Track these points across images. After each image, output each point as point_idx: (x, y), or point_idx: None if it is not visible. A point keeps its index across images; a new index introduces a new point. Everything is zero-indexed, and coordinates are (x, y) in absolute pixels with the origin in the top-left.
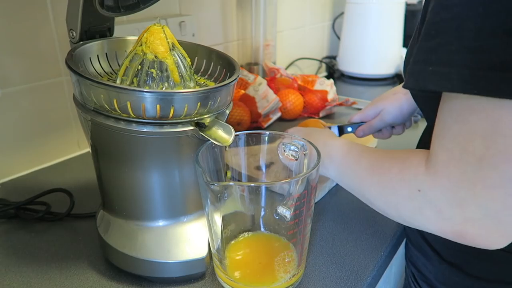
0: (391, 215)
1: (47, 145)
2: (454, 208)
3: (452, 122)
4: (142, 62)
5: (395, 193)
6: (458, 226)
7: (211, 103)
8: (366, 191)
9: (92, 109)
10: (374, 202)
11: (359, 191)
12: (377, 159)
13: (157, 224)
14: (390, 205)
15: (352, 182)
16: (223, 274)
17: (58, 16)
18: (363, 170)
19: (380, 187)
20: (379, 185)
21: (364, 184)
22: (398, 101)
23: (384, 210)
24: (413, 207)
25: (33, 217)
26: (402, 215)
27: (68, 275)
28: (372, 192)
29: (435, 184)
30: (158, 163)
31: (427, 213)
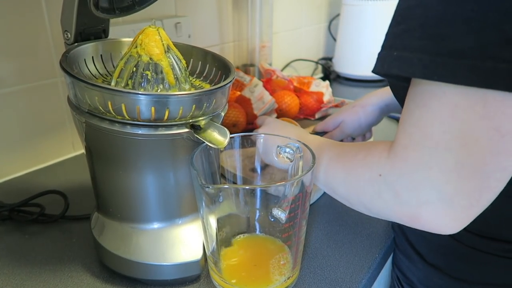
0: (353, 202)
1: (41, 147)
2: (410, 191)
3: (414, 107)
4: (137, 64)
5: (358, 178)
6: (413, 209)
7: (206, 105)
8: (330, 180)
9: (87, 111)
10: (338, 189)
11: (324, 183)
12: (343, 148)
13: (151, 227)
14: (352, 191)
15: (318, 174)
16: (218, 276)
17: (53, 17)
18: (329, 159)
19: (344, 173)
20: (343, 171)
21: (329, 173)
22: (356, 114)
23: (346, 197)
24: (373, 192)
25: (27, 219)
26: (363, 201)
27: (62, 277)
28: (336, 180)
29: (393, 167)
30: (153, 165)
31: (386, 197)
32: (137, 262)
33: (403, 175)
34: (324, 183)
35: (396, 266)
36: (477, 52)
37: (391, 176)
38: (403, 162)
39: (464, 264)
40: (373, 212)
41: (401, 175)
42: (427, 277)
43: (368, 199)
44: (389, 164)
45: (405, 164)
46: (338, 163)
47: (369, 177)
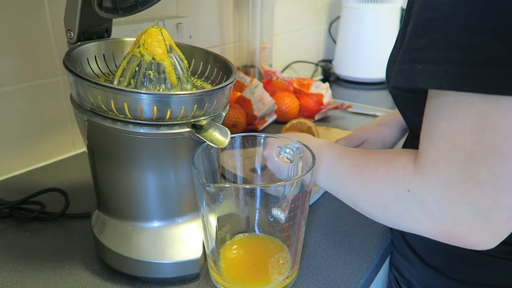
0: (377, 217)
1: (42, 145)
2: (444, 207)
3: (440, 119)
4: (139, 63)
5: (382, 194)
6: (448, 226)
7: (207, 105)
8: (349, 193)
9: (89, 109)
10: (359, 204)
11: (341, 193)
12: (359, 159)
13: (152, 225)
14: (377, 207)
15: (333, 184)
16: (217, 275)
17: (55, 16)
18: (344, 171)
19: (366, 188)
20: (364, 186)
21: (347, 186)
22: (380, 133)
23: (369, 212)
24: (402, 208)
25: (27, 216)
26: (390, 217)
27: (62, 274)
28: (357, 194)
29: (424, 183)
30: (154, 164)
31: (416, 214)
32: (137, 260)
33: (435, 191)
34: (343, 196)
35: (394, 267)
36: (506, 60)
37: (421, 192)
38: (435, 177)
39: (464, 265)
40: (401, 227)
41: (433, 191)
42: (426, 279)
43: (395, 215)
44: (418, 179)
45: (437, 179)
46: (357, 178)
47: (396, 193)
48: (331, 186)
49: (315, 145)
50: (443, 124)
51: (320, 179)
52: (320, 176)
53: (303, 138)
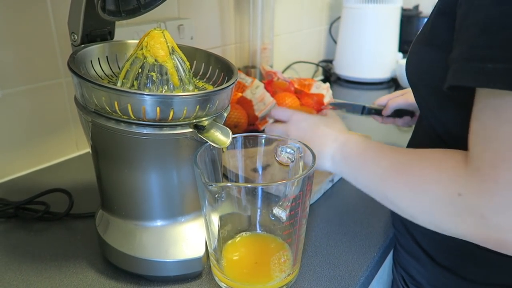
0: (419, 219)
1: (46, 146)
2: (501, 214)
3: (501, 122)
4: (142, 65)
5: (429, 197)
6: (503, 234)
7: (209, 106)
8: (388, 193)
9: (93, 110)
10: (400, 204)
11: (379, 192)
12: (401, 158)
13: (155, 224)
14: (420, 209)
15: (370, 182)
16: (219, 273)
17: (59, 19)
18: (385, 170)
19: (409, 189)
20: (407, 187)
21: (386, 185)
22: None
23: (411, 213)
24: (450, 213)
25: (32, 216)
26: (434, 221)
27: (67, 273)
28: (398, 194)
29: (479, 188)
30: (157, 164)
31: (467, 219)
32: (141, 259)
33: (492, 197)
34: (379, 195)
35: (400, 267)
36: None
37: (475, 198)
38: (493, 183)
39: (479, 266)
40: (445, 231)
41: (489, 197)
42: (437, 279)
43: (441, 219)
44: (472, 184)
45: (496, 185)
46: (399, 178)
47: (444, 196)
48: (363, 182)
49: (344, 132)
50: (504, 127)
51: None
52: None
53: (333, 121)
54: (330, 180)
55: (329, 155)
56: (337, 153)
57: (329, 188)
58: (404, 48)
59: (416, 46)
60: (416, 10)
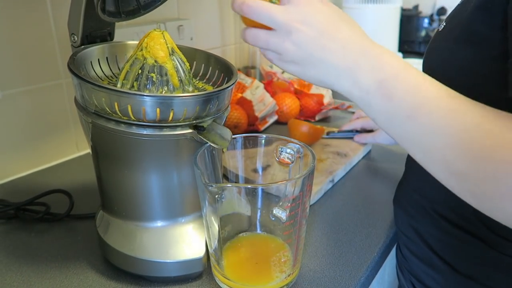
0: (502, 208)
1: (46, 147)
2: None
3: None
4: (142, 66)
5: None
6: None
7: (209, 106)
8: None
9: (93, 111)
10: (479, 184)
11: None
12: (488, 121)
13: (155, 225)
14: (501, 187)
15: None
16: (220, 273)
17: (58, 20)
18: (462, 132)
19: (507, 169)
20: (504, 168)
21: (459, 155)
22: None
23: (490, 199)
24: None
25: (33, 217)
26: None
27: (67, 274)
28: (482, 173)
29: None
30: (157, 165)
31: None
32: (141, 259)
33: None
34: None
35: (410, 274)
36: None
37: None
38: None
39: (503, 273)
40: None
41: None
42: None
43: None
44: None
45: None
46: (496, 152)
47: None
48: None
49: (389, 54)
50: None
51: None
52: (385, 102)
53: (352, 21)
54: (331, 180)
55: (351, 73)
56: (370, 74)
57: (330, 188)
58: (404, 48)
59: (442, 43)
60: (416, 10)
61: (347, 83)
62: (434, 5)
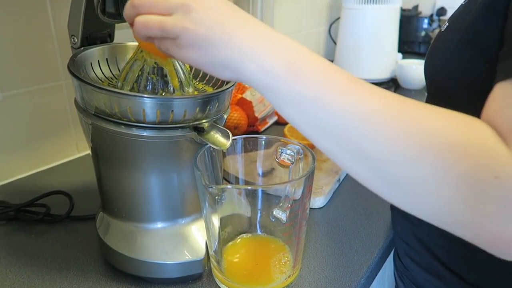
0: (412, 193)
1: (46, 148)
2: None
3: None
4: (142, 68)
5: (450, 167)
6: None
7: (209, 108)
8: (372, 142)
9: (93, 113)
10: (388, 167)
11: (347, 137)
12: (396, 103)
13: (155, 226)
14: (424, 182)
15: (337, 117)
16: (220, 275)
17: (59, 21)
18: (377, 108)
19: (420, 150)
20: (416, 146)
21: (368, 135)
22: None
23: (399, 183)
24: (470, 195)
25: (33, 219)
26: (439, 201)
27: (68, 275)
28: (393, 153)
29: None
30: (157, 166)
31: (490, 209)
32: (141, 261)
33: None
34: (345, 144)
35: (413, 283)
36: None
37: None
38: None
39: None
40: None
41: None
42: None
43: (453, 201)
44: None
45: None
46: (403, 128)
47: (473, 175)
48: (323, 112)
49: (293, 42)
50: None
51: (289, 90)
52: (291, 84)
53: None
54: (338, 180)
55: (256, 56)
56: (277, 56)
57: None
58: (403, 48)
59: (445, 43)
60: (416, 10)
61: (252, 66)
62: (434, 5)
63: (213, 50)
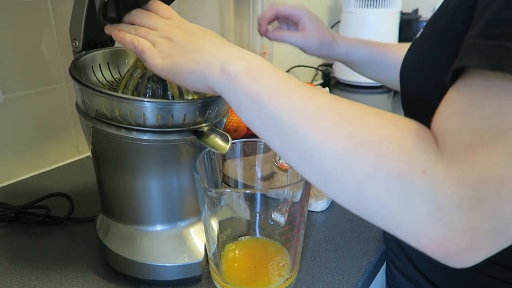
0: (344, 187)
1: (47, 150)
2: (463, 209)
3: (487, 99)
4: (142, 75)
5: (378, 162)
6: (451, 235)
7: (209, 112)
8: (313, 137)
9: (94, 116)
10: (325, 161)
11: (292, 132)
12: (341, 104)
13: (155, 229)
14: (353, 173)
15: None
16: (219, 277)
17: (60, 24)
18: (318, 108)
19: (352, 145)
20: (349, 141)
21: (313, 126)
22: (322, 24)
23: (333, 176)
24: (398, 191)
25: (33, 220)
26: (365, 194)
27: (67, 277)
28: (329, 146)
29: (450, 173)
30: (157, 169)
31: (417, 205)
32: (141, 263)
33: (463, 186)
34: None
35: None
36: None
37: (443, 183)
38: (469, 170)
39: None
40: (372, 213)
41: (459, 186)
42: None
43: (378, 195)
44: (440, 163)
45: (471, 173)
46: (340, 127)
47: (400, 169)
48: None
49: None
50: (492, 104)
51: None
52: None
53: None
54: None
55: (222, 61)
56: (240, 62)
57: None
58: None
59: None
60: (416, 14)
61: (217, 70)
62: (434, 9)
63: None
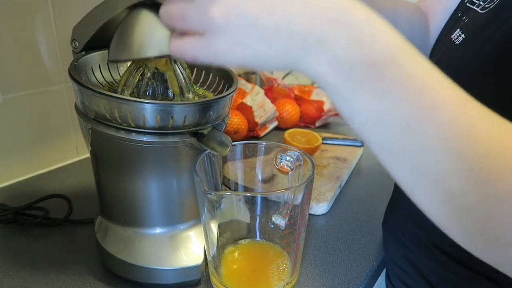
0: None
1: (46, 151)
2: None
3: None
4: (143, 73)
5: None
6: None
7: (209, 114)
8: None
9: (93, 118)
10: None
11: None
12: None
13: (154, 231)
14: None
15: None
16: (218, 281)
17: (60, 25)
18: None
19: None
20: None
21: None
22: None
23: (483, 228)
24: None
25: (31, 222)
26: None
27: (65, 280)
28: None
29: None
30: (156, 171)
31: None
32: (140, 266)
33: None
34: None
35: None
36: None
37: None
38: None
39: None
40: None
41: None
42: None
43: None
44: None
45: None
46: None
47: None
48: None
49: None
50: None
51: (368, 99)
52: (371, 92)
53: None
54: (339, 186)
55: (332, 51)
56: (357, 51)
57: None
58: None
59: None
60: None
61: (318, 62)
62: None
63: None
